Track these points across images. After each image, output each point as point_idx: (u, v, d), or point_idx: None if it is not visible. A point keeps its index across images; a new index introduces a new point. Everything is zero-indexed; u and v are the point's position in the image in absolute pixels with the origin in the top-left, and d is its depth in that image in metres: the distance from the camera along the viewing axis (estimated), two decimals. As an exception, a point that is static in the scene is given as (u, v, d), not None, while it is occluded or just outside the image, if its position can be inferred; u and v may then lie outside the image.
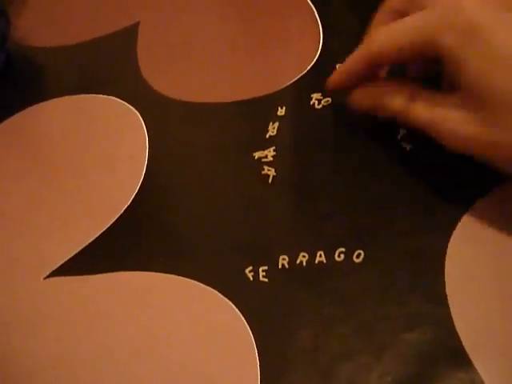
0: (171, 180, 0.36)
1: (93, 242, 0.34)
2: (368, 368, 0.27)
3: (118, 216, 0.35)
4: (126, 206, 0.35)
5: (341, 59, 0.39)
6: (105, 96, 0.42)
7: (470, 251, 0.29)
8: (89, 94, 0.42)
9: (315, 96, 0.38)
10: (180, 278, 0.31)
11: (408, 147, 0.34)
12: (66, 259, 0.33)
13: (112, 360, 0.30)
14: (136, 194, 0.35)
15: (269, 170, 0.35)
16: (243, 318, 0.29)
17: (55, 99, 0.43)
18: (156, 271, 0.32)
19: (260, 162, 0.35)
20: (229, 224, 0.33)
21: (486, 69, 0.25)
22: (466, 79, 0.26)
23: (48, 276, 0.33)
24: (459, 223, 0.30)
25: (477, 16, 0.26)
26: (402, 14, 0.31)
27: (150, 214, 0.35)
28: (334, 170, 0.34)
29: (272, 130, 0.37)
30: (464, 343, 0.27)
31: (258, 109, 0.38)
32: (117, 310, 0.31)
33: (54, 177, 0.38)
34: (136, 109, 0.40)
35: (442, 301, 0.28)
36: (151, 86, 0.42)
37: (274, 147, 0.35)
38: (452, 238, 0.30)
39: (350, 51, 0.39)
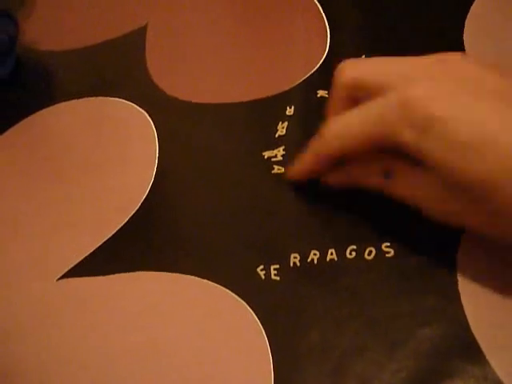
0: (181, 181, 0.36)
1: (105, 243, 0.34)
2: (381, 365, 0.27)
3: (129, 217, 0.35)
4: (138, 207, 0.35)
5: (348, 57, 0.39)
6: (114, 98, 0.42)
7: (483, 247, 0.29)
8: (98, 96, 0.43)
9: (321, 93, 0.38)
10: (192, 277, 0.32)
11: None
12: (78, 260, 0.34)
13: (126, 360, 0.30)
14: (147, 195, 0.36)
15: (279, 170, 0.35)
16: (255, 317, 0.29)
17: (65, 102, 0.43)
18: (168, 271, 0.32)
19: (270, 162, 0.35)
20: (239, 223, 0.33)
21: (450, 158, 0.25)
22: (434, 167, 0.26)
23: (61, 277, 0.33)
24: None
25: (432, 108, 0.25)
26: (353, 100, 0.30)
27: (161, 215, 0.35)
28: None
29: (281, 129, 0.37)
30: (478, 339, 0.27)
31: (267, 109, 0.38)
32: (130, 310, 0.31)
33: (65, 179, 0.38)
34: (145, 111, 0.41)
35: (454, 297, 0.28)
36: (160, 88, 0.42)
37: (283, 146, 0.36)
38: (465, 234, 0.30)
39: (357, 48, 0.39)
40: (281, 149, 0.36)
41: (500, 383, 0.26)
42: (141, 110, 0.41)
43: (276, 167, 0.35)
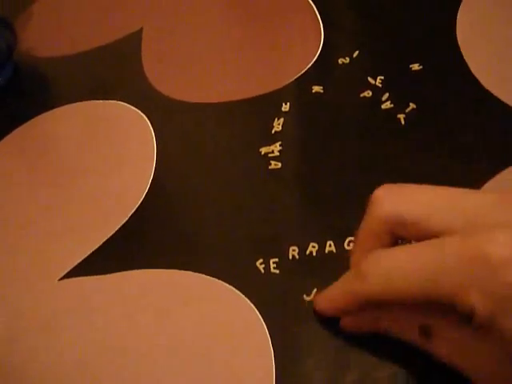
0: (180, 179, 0.37)
1: (106, 242, 0.34)
2: (384, 352, 0.27)
3: (129, 216, 0.35)
4: (137, 206, 0.35)
5: (341, 54, 0.40)
6: (112, 101, 0.42)
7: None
8: (96, 100, 0.43)
9: (316, 88, 0.38)
10: (192, 273, 0.32)
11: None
12: (79, 260, 0.34)
13: (130, 357, 0.30)
14: (146, 194, 0.36)
15: (275, 165, 0.35)
16: (256, 310, 0.30)
17: (63, 107, 0.43)
18: (168, 268, 0.32)
19: (267, 158, 0.36)
20: (238, 219, 0.33)
21: None
22: (508, 342, 0.21)
23: (63, 277, 0.33)
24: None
25: None
26: (393, 236, 0.25)
27: (160, 213, 0.35)
28: (340, 161, 0.35)
29: (277, 125, 0.37)
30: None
31: (263, 106, 0.39)
32: (131, 307, 0.32)
33: (65, 182, 0.39)
34: (143, 112, 0.41)
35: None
36: (157, 89, 0.42)
37: (280, 142, 0.36)
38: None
39: (351, 45, 0.40)
40: (277, 144, 0.36)
41: None
42: (138, 111, 0.41)
43: (273, 163, 0.35)
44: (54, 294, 0.33)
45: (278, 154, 0.35)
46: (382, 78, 0.38)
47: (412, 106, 0.36)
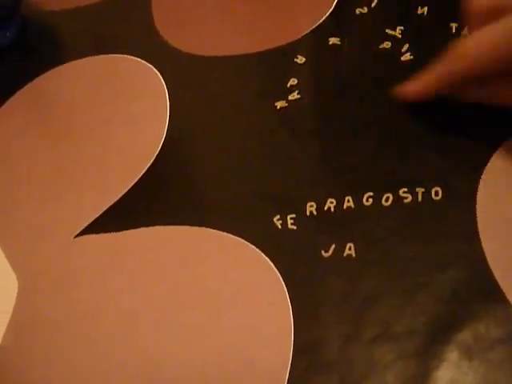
0: (194, 134, 0.36)
1: (120, 199, 0.34)
2: (401, 309, 0.27)
3: (143, 172, 0.35)
4: (151, 163, 0.35)
5: (359, 4, 0.38)
6: (122, 55, 0.41)
7: (503, 188, 0.28)
8: (106, 54, 0.42)
9: (333, 40, 0.37)
10: (209, 229, 0.31)
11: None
12: (94, 218, 0.34)
13: (145, 314, 0.30)
14: (159, 150, 0.35)
15: (292, 119, 0.34)
16: (273, 266, 0.29)
17: (72, 62, 0.43)
18: (185, 224, 0.32)
19: (282, 112, 0.35)
20: (254, 174, 0.33)
21: None
22: None
23: (78, 235, 0.33)
24: (490, 160, 0.29)
25: None
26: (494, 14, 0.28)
27: (174, 169, 0.35)
28: (357, 114, 0.34)
29: (293, 79, 0.36)
30: (499, 280, 0.27)
31: (278, 59, 0.38)
32: (147, 264, 0.31)
33: (77, 139, 0.38)
34: (154, 66, 0.40)
35: (473, 238, 0.28)
36: (169, 43, 0.41)
37: (296, 92, 0.35)
38: (483, 174, 0.29)
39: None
40: (295, 93, 0.35)
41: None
42: (150, 65, 0.40)
43: (289, 117, 0.34)
44: (70, 252, 0.33)
45: (293, 108, 0.35)
46: (402, 28, 0.37)
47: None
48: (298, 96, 0.35)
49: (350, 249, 0.29)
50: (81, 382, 0.29)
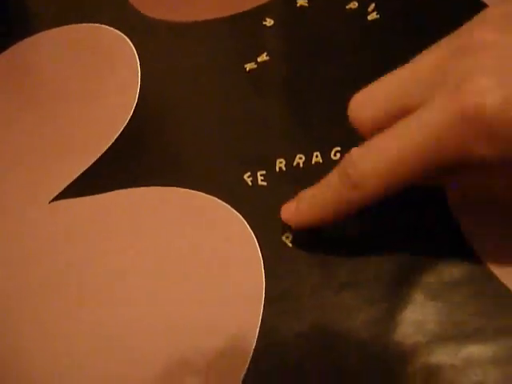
0: (165, 100, 0.36)
1: (94, 163, 0.34)
2: (367, 257, 0.28)
3: (116, 136, 0.35)
4: (124, 127, 0.35)
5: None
6: (94, 24, 0.41)
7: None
8: (75, 24, 0.42)
9: (300, 2, 0.37)
10: (182, 189, 0.32)
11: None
12: (68, 182, 0.34)
13: (121, 278, 0.30)
14: (131, 116, 0.36)
15: (260, 79, 0.35)
16: (245, 221, 0.30)
17: (42, 32, 0.42)
18: (158, 185, 0.32)
19: (251, 73, 0.35)
20: (225, 134, 0.33)
21: None
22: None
23: (53, 200, 0.34)
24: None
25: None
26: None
27: (147, 133, 0.35)
28: (325, 74, 0.34)
29: (261, 41, 0.36)
30: (461, 224, 0.27)
31: (246, 22, 0.38)
32: (122, 227, 0.32)
33: (50, 107, 0.38)
34: (125, 34, 0.40)
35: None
36: (138, 10, 0.41)
37: (265, 53, 0.35)
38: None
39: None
40: (264, 55, 0.35)
41: (485, 267, 0.26)
42: (120, 33, 0.40)
43: (257, 77, 0.35)
44: (45, 218, 0.33)
45: (262, 69, 0.35)
46: (368, -12, 0.37)
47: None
48: (267, 58, 0.36)
49: (318, 202, 0.30)
50: (64, 349, 0.29)
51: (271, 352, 0.27)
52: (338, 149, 0.31)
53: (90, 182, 0.34)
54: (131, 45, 0.40)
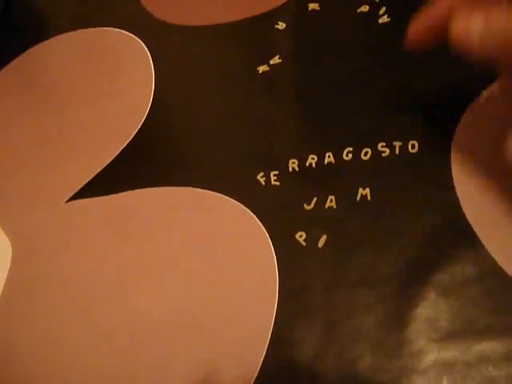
0: (179, 102, 0.37)
1: (109, 164, 0.35)
2: (379, 256, 0.28)
3: (131, 138, 0.36)
4: (138, 128, 0.36)
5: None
6: (106, 28, 0.42)
7: (476, 137, 0.30)
8: (90, 28, 0.43)
9: (312, 6, 0.38)
10: (196, 189, 0.32)
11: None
12: (85, 183, 0.35)
13: (135, 275, 0.31)
14: (146, 117, 0.36)
15: (273, 81, 0.35)
16: (258, 220, 0.30)
17: (59, 36, 0.43)
18: (172, 185, 0.33)
19: (264, 75, 0.36)
20: (239, 135, 0.34)
21: None
22: None
23: (69, 200, 0.34)
24: (465, 113, 0.31)
25: None
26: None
27: (161, 134, 0.36)
28: (336, 76, 0.35)
29: (274, 44, 0.37)
30: (473, 225, 0.28)
31: (259, 26, 0.38)
32: (137, 225, 0.33)
33: (66, 109, 0.39)
34: (138, 37, 0.41)
35: (448, 187, 0.29)
36: (151, 14, 0.42)
37: (278, 56, 0.36)
38: (458, 127, 0.30)
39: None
40: (276, 58, 0.36)
41: (496, 265, 0.27)
42: (134, 37, 0.41)
43: (270, 79, 0.35)
44: (61, 217, 0.34)
45: (275, 71, 0.36)
46: (379, -9, 0.38)
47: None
48: (279, 60, 0.36)
49: (331, 201, 0.30)
50: (75, 343, 0.30)
51: (284, 351, 0.27)
52: (350, 149, 0.31)
53: (105, 182, 0.34)
54: (145, 47, 0.40)
